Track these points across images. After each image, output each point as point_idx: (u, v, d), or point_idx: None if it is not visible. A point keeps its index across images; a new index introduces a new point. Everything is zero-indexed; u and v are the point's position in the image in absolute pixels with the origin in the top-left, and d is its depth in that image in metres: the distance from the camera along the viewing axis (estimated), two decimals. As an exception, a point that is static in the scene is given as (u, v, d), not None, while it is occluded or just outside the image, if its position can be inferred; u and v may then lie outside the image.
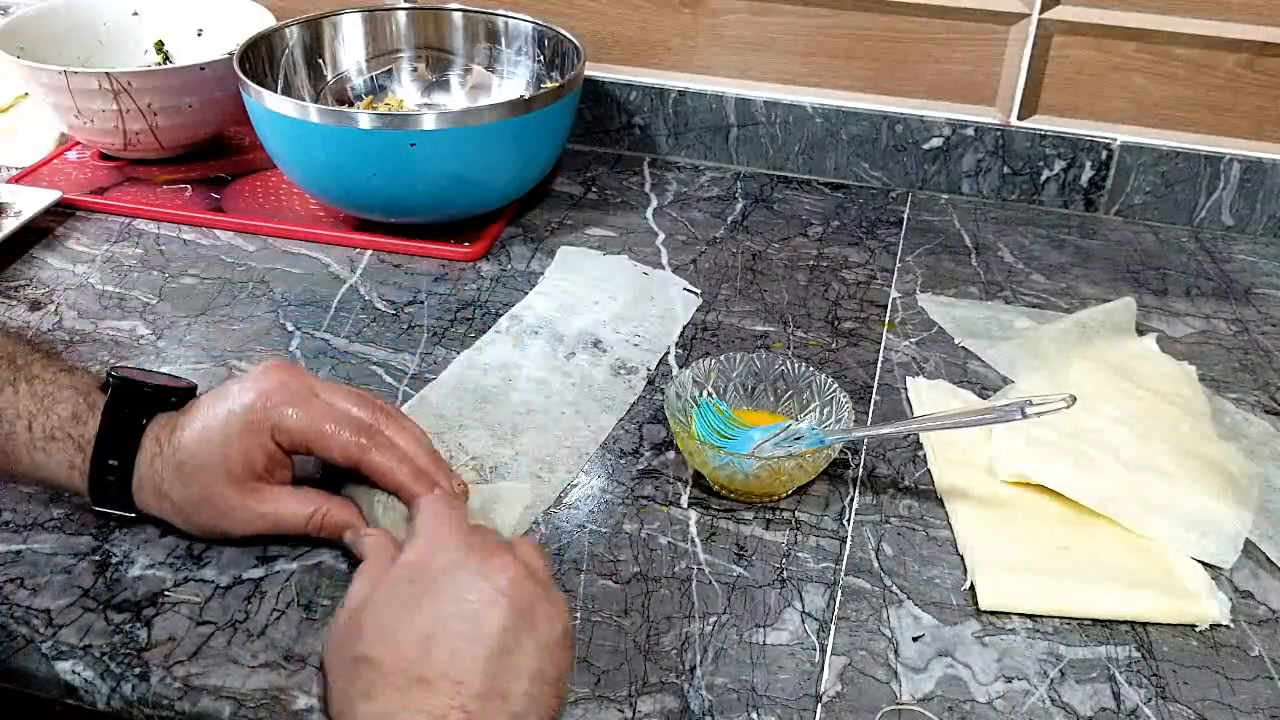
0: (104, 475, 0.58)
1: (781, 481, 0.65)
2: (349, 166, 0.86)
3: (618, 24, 1.06)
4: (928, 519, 0.66)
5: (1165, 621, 0.59)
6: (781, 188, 1.05)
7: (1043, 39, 0.97)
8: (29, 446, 0.58)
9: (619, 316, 0.83)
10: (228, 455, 0.57)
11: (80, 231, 0.93)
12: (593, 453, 0.69)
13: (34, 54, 0.99)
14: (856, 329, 0.83)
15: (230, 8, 1.08)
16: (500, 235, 0.94)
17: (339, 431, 0.58)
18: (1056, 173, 1.01)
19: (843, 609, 0.59)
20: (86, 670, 0.55)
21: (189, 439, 0.58)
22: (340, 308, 0.84)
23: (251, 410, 0.57)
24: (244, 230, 0.93)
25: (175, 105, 0.97)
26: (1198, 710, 0.55)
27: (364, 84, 1.05)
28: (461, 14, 1.04)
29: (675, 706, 0.54)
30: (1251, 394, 0.77)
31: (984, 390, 0.77)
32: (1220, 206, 0.99)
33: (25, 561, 0.60)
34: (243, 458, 0.57)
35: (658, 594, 0.60)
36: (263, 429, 0.57)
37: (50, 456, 0.58)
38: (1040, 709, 0.54)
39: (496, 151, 0.87)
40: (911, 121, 1.02)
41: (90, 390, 0.59)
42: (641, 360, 0.78)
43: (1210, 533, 0.63)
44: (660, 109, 1.07)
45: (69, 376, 0.60)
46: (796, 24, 1.02)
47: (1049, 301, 0.87)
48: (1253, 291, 0.90)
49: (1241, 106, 0.96)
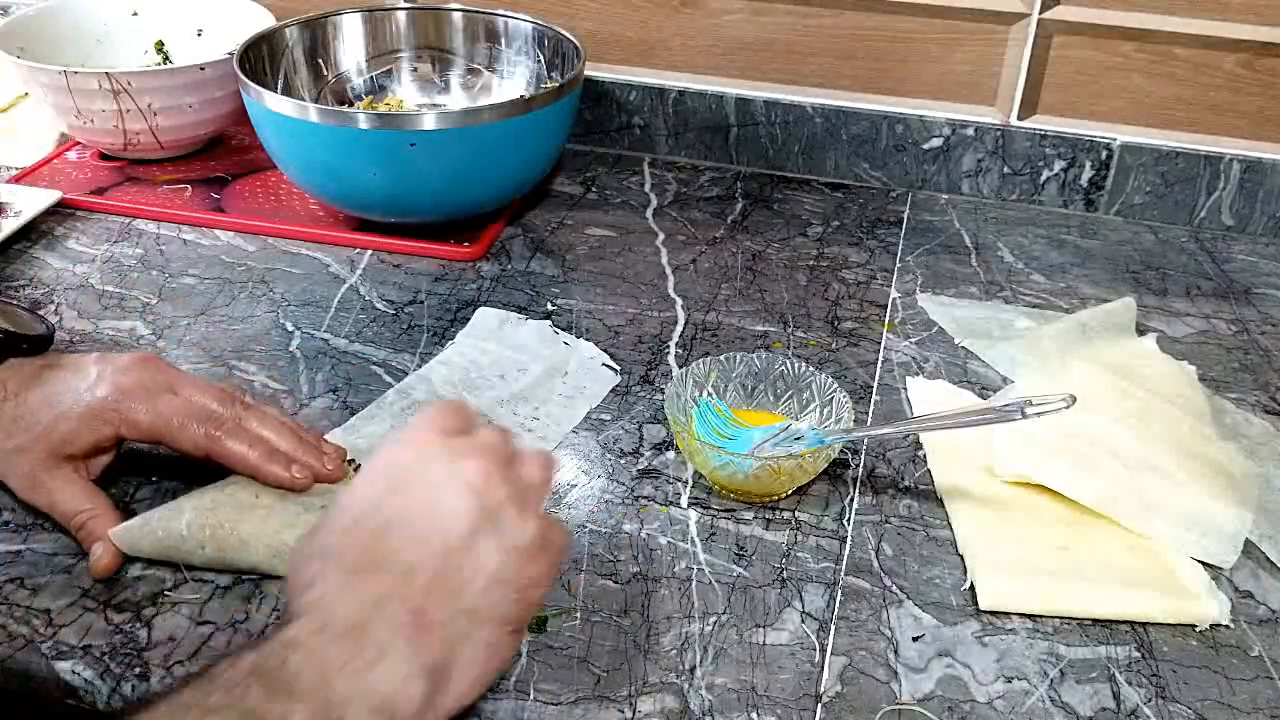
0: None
1: (781, 481, 0.65)
2: (349, 166, 0.86)
3: (618, 24, 1.06)
4: (928, 519, 0.66)
5: (1165, 621, 0.59)
6: (781, 188, 1.05)
7: (1043, 39, 0.97)
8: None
9: (520, 395, 0.74)
10: (56, 426, 0.60)
11: (80, 231, 0.93)
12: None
13: (34, 54, 0.99)
14: (856, 329, 0.83)
15: (230, 8, 1.08)
16: (500, 235, 0.94)
17: (187, 424, 0.60)
18: (1056, 173, 1.01)
19: (843, 609, 0.59)
20: (86, 670, 0.55)
21: (35, 398, 0.60)
22: (340, 308, 0.84)
23: (102, 401, 0.60)
24: (244, 230, 0.93)
25: (175, 105, 0.97)
26: (1198, 710, 0.55)
27: (364, 84, 1.05)
28: (461, 14, 1.04)
29: (675, 706, 0.54)
30: (1251, 394, 0.77)
31: (984, 390, 0.77)
32: (1220, 206, 0.99)
33: (25, 561, 0.60)
34: (68, 435, 0.60)
35: (657, 594, 0.60)
36: (106, 420, 0.60)
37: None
38: (1040, 709, 0.54)
39: (496, 151, 0.87)
40: (911, 121, 1.02)
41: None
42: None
43: (1210, 533, 0.63)
44: (660, 109, 1.07)
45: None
46: (796, 24, 1.02)
47: (1049, 301, 0.87)
48: (1253, 291, 0.90)
49: (1241, 106, 0.96)
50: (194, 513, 0.59)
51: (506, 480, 0.49)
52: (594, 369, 0.78)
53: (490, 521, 0.48)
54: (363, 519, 0.48)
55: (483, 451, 0.50)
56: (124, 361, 0.62)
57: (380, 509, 0.48)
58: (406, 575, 0.45)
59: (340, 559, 0.46)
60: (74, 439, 0.60)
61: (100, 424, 0.60)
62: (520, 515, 0.49)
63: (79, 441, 0.60)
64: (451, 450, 0.50)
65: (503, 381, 0.76)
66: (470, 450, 0.50)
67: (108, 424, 0.60)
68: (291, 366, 0.77)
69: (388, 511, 0.48)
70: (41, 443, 0.60)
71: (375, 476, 0.50)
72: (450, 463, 0.49)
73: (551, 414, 0.73)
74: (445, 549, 0.46)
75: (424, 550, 0.46)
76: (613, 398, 0.75)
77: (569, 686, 0.54)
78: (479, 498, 0.48)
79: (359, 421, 0.71)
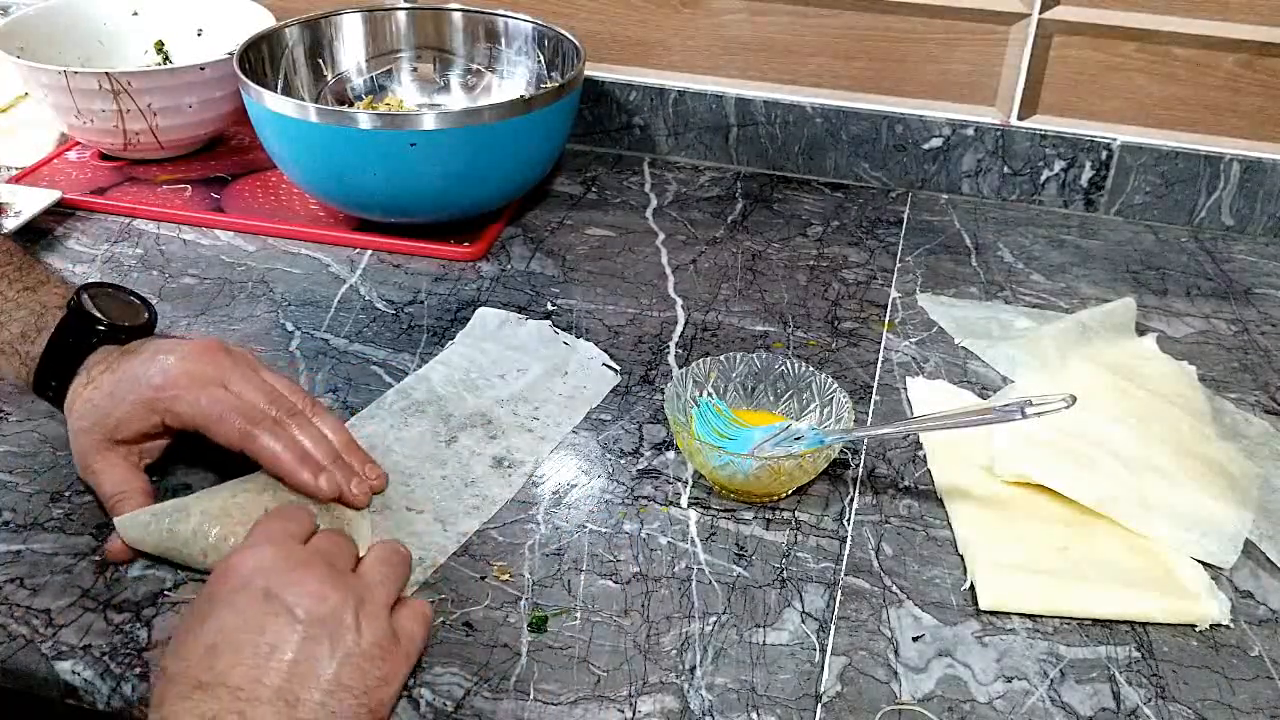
0: (44, 391, 0.65)
1: (781, 481, 0.65)
2: (349, 166, 0.86)
3: (618, 24, 1.06)
4: (928, 519, 0.66)
5: (1165, 621, 0.59)
6: (781, 188, 1.05)
7: (1043, 39, 0.97)
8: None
9: (520, 395, 0.74)
10: (112, 413, 0.62)
11: (80, 231, 0.93)
12: (443, 561, 0.61)
13: (34, 54, 0.99)
14: (856, 329, 0.83)
15: (230, 8, 1.08)
16: (500, 235, 0.94)
17: (227, 418, 0.61)
18: (1056, 173, 1.01)
19: (843, 609, 0.59)
20: (86, 670, 0.55)
21: (107, 385, 0.62)
22: (340, 308, 0.84)
23: (154, 391, 0.61)
24: (244, 230, 0.93)
25: (175, 105, 0.97)
26: (1198, 710, 0.55)
27: (364, 84, 1.05)
28: (461, 14, 1.04)
29: (675, 706, 0.54)
30: (1251, 394, 0.77)
31: (984, 390, 0.77)
32: (1220, 206, 0.99)
33: (25, 561, 0.60)
34: (120, 422, 0.62)
35: (658, 594, 0.60)
36: (154, 409, 0.61)
37: (2, 367, 0.65)
38: (1040, 709, 0.54)
39: (496, 151, 0.87)
40: (911, 121, 1.02)
41: (46, 311, 0.65)
42: (530, 451, 0.69)
43: (1210, 533, 0.63)
44: (660, 109, 1.07)
45: (30, 295, 0.66)
46: (796, 24, 1.02)
47: (1049, 301, 0.87)
48: (1253, 291, 0.90)
49: (1241, 106, 0.96)
50: (201, 517, 0.59)
51: (342, 586, 0.51)
52: (594, 369, 0.77)
53: (321, 630, 0.49)
54: (196, 635, 0.49)
55: (312, 561, 0.52)
56: (186, 350, 0.63)
57: (208, 626, 0.49)
58: (235, 693, 0.46)
59: (180, 676, 0.48)
60: (124, 425, 0.62)
61: (148, 413, 0.62)
62: (358, 620, 0.50)
63: (128, 428, 0.62)
64: (286, 561, 0.51)
65: (503, 381, 0.75)
66: (298, 562, 0.51)
67: (155, 413, 0.62)
68: (291, 367, 0.77)
69: (215, 629, 0.49)
70: (100, 427, 0.62)
71: (212, 589, 0.51)
72: (283, 574, 0.50)
73: (551, 414, 0.73)
74: (273, 666, 0.47)
75: (252, 670, 0.47)
76: (613, 398, 0.75)
77: (569, 686, 0.54)
78: (307, 611, 0.49)
79: (359, 421, 0.71)
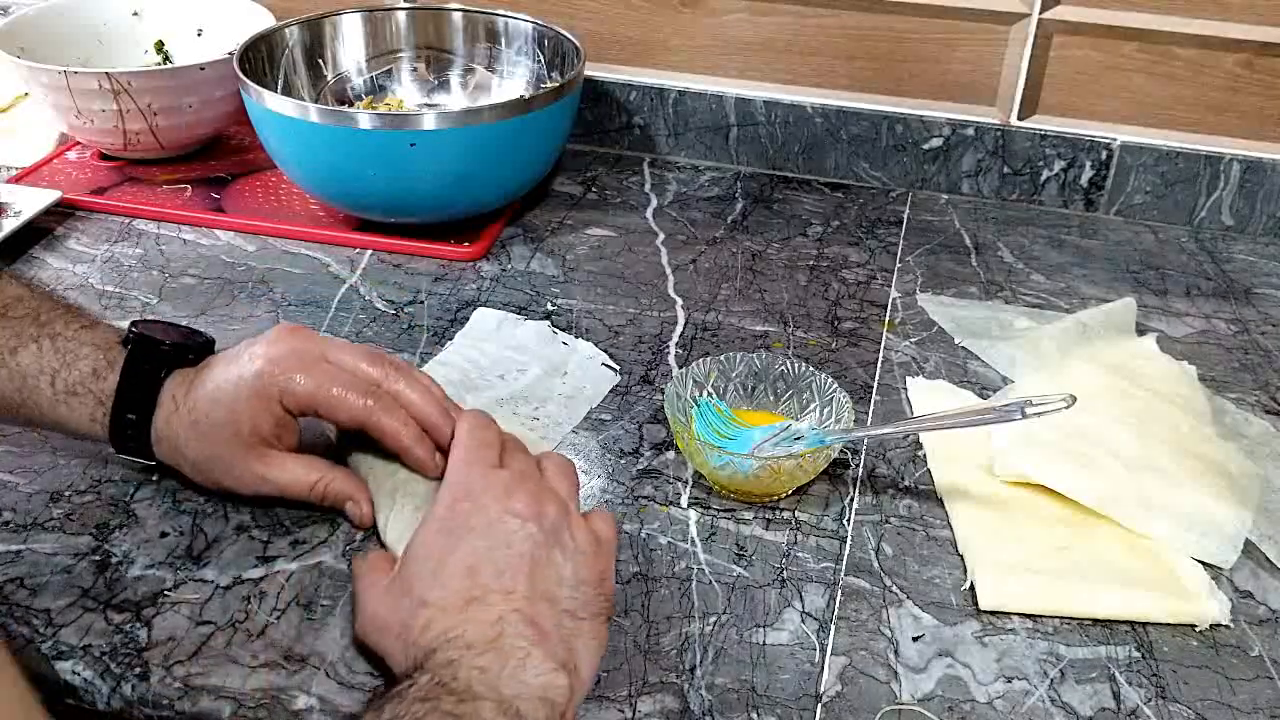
0: (124, 429, 0.61)
1: (781, 481, 0.65)
2: (349, 166, 0.86)
3: (618, 24, 1.06)
4: (928, 519, 0.66)
5: (1165, 621, 0.59)
6: (781, 188, 1.05)
7: (1043, 39, 0.97)
8: (52, 401, 0.61)
9: (520, 395, 0.74)
10: (236, 419, 0.59)
11: (80, 231, 0.93)
12: None
13: (34, 54, 0.99)
14: (856, 329, 0.83)
15: (230, 8, 1.08)
16: (500, 235, 0.94)
17: (345, 395, 0.60)
18: (1056, 173, 1.01)
19: (843, 609, 0.59)
20: (86, 670, 0.55)
21: (203, 400, 0.60)
22: (340, 308, 0.84)
23: (260, 378, 0.59)
24: (244, 230, 0.93)
25: (175, 105, 0.97)
26: (1198, 710, 0.55)
27: (364, 84, 1.05)
28: (461, 14, 1.04)
29: (675, 706, 0.54)
30: (1251, 394, 0.77)
31: (984, 390, 0.77)
32: (1220, 206, 0.99)
33: (25, 561, 0.60)
34: (250, 422, 0.60)
35: (658, 594, 0.60)
36: (270, 396, 0.59)
37: (73, 410, 0.61)
38: (1040, 709, 0.54)
39: (496, 151, 0.87)
40: (911, 121, 1.02)
41: (110, 346, 0.62)
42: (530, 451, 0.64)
43: (1210, 533, 0.63)
44: (660, 109, 1.07)
45: (90, 333, 0.63)
46: (796, 24, 1.02)
47: (1049, 301, 0.87)
48: (1253, 291, 0.90)
49: (1241, 106, 0.96)
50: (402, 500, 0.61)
51: (549, 499, 0.55)
52: (594, 369, 0.77)
53: (552, 538, 0.53)
54: (447, 565, 0.52)
55: (522, 481, 0.56)
56: (271, 334, 0.62)
57: (458, 554, 0.53)
58: (509, 596, 0.51)
59: (446, 600, 0.51)
60: (256, 424, 0.60)
61: (268, 400, 0.59)
62: (571, 526, 0.55)
63: (261, 425, 0.60)
64: (498, 489, 0.55)
65: (502, 381, 0.75)
66: (513, 484, 0.55)
67: (272, 398, 0.59)
68: (291, 366, 0.77)
69: (468, 553, 0.52)
70: (232, 441, 0.60)
71: (440, 526, 0.54)
72: (502, 501, 0.54)
73: (551, 414, 0.73)
74: (528, 570, 0.52)
75: (512, 576, 0.52)
76: (613, 398, 0.75)
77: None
78: (536, 523, 0.53)
79: None
